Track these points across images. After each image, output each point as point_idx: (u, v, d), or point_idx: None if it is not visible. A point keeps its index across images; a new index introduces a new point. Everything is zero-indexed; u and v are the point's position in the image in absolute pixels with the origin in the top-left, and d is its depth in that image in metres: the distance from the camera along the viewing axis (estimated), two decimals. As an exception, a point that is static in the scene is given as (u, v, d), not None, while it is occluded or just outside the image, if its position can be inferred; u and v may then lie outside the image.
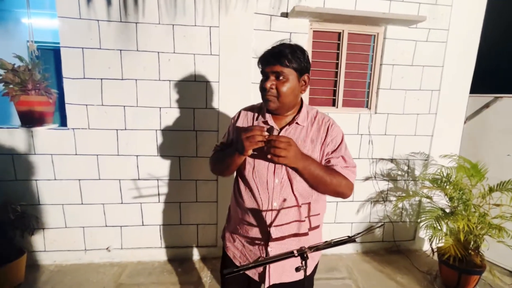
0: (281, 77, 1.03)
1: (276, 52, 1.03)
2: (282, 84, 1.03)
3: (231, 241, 1.25)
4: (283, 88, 1.04)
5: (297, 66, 1.04)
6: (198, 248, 2.55)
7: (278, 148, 0.91)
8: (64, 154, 2.25)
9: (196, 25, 2.20)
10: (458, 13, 2.45)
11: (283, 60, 1.01)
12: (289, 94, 1.05)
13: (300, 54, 1.04)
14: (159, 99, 2.27)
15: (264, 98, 1.08)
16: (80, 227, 2.38)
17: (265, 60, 1.06)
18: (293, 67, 1.03)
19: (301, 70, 1.06)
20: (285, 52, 1.01)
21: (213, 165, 1.26)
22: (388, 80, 2.51)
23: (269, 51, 1.07)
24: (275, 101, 1.06)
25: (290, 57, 1.01)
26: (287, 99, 1.06)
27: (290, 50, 1.02)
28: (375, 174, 2.66)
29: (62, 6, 2.08)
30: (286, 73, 1.03)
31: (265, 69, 1.06)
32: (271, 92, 1.04)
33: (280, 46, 1.05)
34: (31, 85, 2.17)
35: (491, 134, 2.58)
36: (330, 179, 1.03)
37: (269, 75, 1.04)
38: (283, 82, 1.03)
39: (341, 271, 2.46)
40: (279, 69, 1.02)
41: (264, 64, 1.06)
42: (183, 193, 2.44)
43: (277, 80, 1.04)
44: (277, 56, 1.02)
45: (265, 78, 1.07)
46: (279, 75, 1.03)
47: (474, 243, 2.17)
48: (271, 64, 1.03)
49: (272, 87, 1.04)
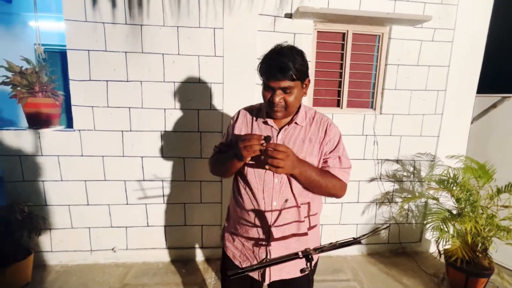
0: (288, 90, 1.03)
1: (282, 66, 1.00)
2: (289, 96, 1.05)
3: (230, 241, 1.25)
4: (290, 99, 1.05)
5: (301, 75, 1.04)
6: (203, 249, 2.56)
7: (276, 159, 0.91)
8: (70, 156, 2.27)
9: (201, 26, 2.21)
10: (464, 12, 2.42)
11: (289, 75, 1.01)
12: (296, 103, 1.08)
13: (301, 61, 1.03)
14: (164, 100, 2.28)
15: (271, 110, 1.08)
16: (86, 227, 2.41)
17: (270, 74, 1.03)
18: (298, 78, 1.03)
19: (304, 77, 1.06)
20: (290, 66, 1.00)
21: (213, 167, 1.26)
22: (393, 81, 2.50)
23: (271, 62, 1.03)
24: (282, 111, 1.08)
25: (295, 70, 1.01)
26: (294, 108, 1.09)
27: (292, 60, 1.00)
28: (381, 175, 2.63)
29: (69, 9, 2.11)
30: (293, 86, 1.03)
31: (270, 83, 1.03)
32: (280, 105, 1.05)
33: (282, 57, 1.02)
34: (38, 87, 2.20)
35: (499, 134, 2.54)
36: (325, 182, 1.05)
37: (276, 89, 1.03)
38: (290, 94, 1.04)
39: (346, 273, 2.44)
40: (286, 84, 1.02)
41: (270, 78, 1.03)
42: (187, 194, 2.45)
43: (284, 93, 1.04)
44: (284, 71, 1.00)
45: (271, 91, 1.05)
46: (286, 89, 1.03)
47: (482, 245, 2.13)
48: (279, 79, 1.01)
49: (281, 101, 1.05)
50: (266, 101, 1.08)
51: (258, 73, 1.09)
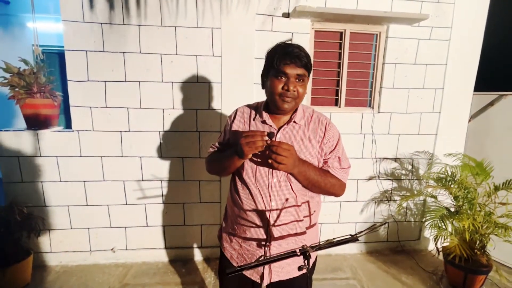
0: (301, 79, 1.04)
1: (297, 54, 1.00)
2: (302, 86, 1.05)
3: (228, 242, 1.23)
4: (301, 90, 1.05)
5: (309, 69, 1.06)
6: (202, 249, 2.56)
7: (280, 156, 0.92)
8: (69, 156, 2.28)
9: (198, 26, 2.22)
10: (461, 10, 2.43)
11: (305, 63, 1.01)
12: (304, 96, 1.08)
13: (308, 56, 1.05)
14: (162, 100, 2.29)
15: (282, 99, 1.05)
16: (85, 228, 2.41)
17: (287, 59, 1.01)
18: (309, 70, 1.05)
19: (309, 73, 1.08)
20: (303, 55, 1.01)
21: (210, 165, 1.26)
22: (391, 79, 2.50)
23: (287, 51, 1.02)
24: (292, 103, 1.06)
25: (307, 60, 1.02)
26: (301, 100, 1.09)
27: (304, 53, 1.02)
28: (379, 173, 2.64)
29: (66, 10, 2.11)
30: (305, 76, 1.04)
31: (286, 69, 1.01)
32: (293, 94, 1.04)
33: (294, 47, 1.02)
34: (36, 88, 2.20)
35: (496, 132, 2.55)
36: (324, 181, 1.07)
37: (291, 76, 1.02)
38: (302, 84, 1.05)
39: (345, 271, 2.45)
40: (302, 72, 1.02)
41: (286, 64, 1.01)
42: (186, 194, 2.45)
43: (297, 82, 1.04)
44: (300, 57, 1.00)
45: (284, 79, 1.03)
46: (300, 77, 1.03)
47: (480, 242, 2.14)
48: (296, 65, 1.00)
49: (295, 89, 1.04)
50: (277, 90, 1.04)
51: (267, 63, 1.07)
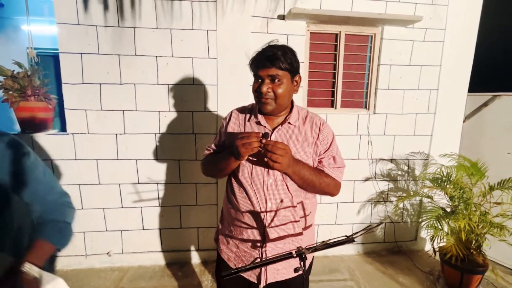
0: (276, 80, 1.04)
1: (269, 55, 1.02)
2: (278, 86, 1.05)
3: (224, 244, 1.23)
4: (279, 90, 1.05)
5: (290, 67, 1.05)
6: (199, 252, 2.55)
7: (275, 154, 0.93)
8: (64, 160, 2.26)
9: (194, 28, 2.22)
10: (455, 12, 2.45)
11: (278, 63, 1.02)
12: (285, 96, 1.08)
13: (291, 55, 1.05)
14: (158, 103, 2.28)
15: (260, 102, 1.08)
16: (81, 232, 2.38)
17: (259, 63, 1.05)
18: (287, 69, 1.04)
19: (294, 71, 1.08)
20: (278, 54, 1.02)
21: (206, 168, 1.27)
22: (386, 80, 2.52)
23: (261, 53, 1.06)
24: (271, 104, 1.07)
25: (284, 59, 1.02)
26: (283, 100, 1.08)
27: (282, 52, 1.03)
28: (375, 174, 2.65)
29: (61, 12, 2.10)
30: (281, 75, 1.04)
31: (258, 72, 1.05)
32: (268, 95, 1.05)
33: (272, 48, 1.05)
34: (31, 91, 2.18)
35: (491, 132, 2.58)
36: (318, 181, 1.08)
37: (264, 78, 1.05)
38: (279, 84, 1.05)
39: (342, 272, 2.45)
40: (274, 72, 1.03)
41: (258, 67, 1.05)
42: (183, 197, 2.44)
43: (273, 83, 1.05)
44: (272, 59, 1.02)
45: (260, 81, 1.07)
46: (274, 78, 1.04)
47: (476, 242, 2.15)
48: (266, 67, 1.03)
49: (269, 91, 1.05)
50: (255, 92, 1.08)
51: (250, 68, 1.11)
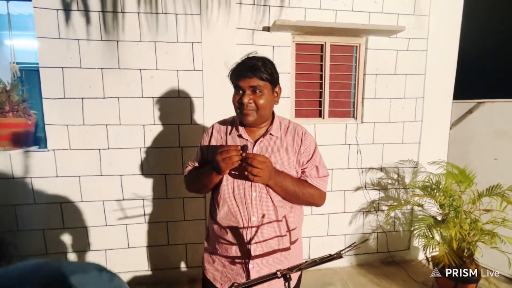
0: (257, 90, 1.03)
1: (250, 65, 1.01)
2: (259, 97, 1.04)
3: (210, 263, 1.18)
4: (260, 101, 1.04)
5: (271, 78, 1.04)
6: (188, 269, 2.45)
7: (255, 168, 0.91)
8: (44, 177, 2.17)
9: (179, 41, 2.20)
10: (436, 22, 2.51)
11: (259, 73, 1.01)
12: (267, 107, 1.06)
13: (271, 66, 1.05)
14: (143, 116, 2.23)
15: (242, 113, 1.06)
16: (62, 252, 2.27)
17: (239, 74, 1.04)
18: (268, 79, 1.03)
19: (274, 82, 1.07)
20: (259, 65, 1.01)
21: (190, 184, 1.23)
22: (372, 90, 2.53)
23: (241, 64, 1.05)
24: (253, 115, 1.05)
25: (264, 69, 1.01)
26: (265, 111, 1.07)
27: (262, 63, 1.02)
28: (366, 183, 2.63)
29: (41, 27, 2.05)
30: (262, 86, 1.03)
31: (239, 83, 1.03)
32: (250, 106, 1.04)
33: (251, 59, 1.04)
34: (9, 107, 2.11)
35: (477, 139, 2.60)
36: (302, 192, 1.06)
37: (245, 89, 1.03)
38: (260, 95, 1.04)
39: (336, 286, 2.38)
40: (255, 83, 1.02)
41: (239, 77, 1.04)
42: (170, 212, 2.36)
43: (254, 94, 1.03)
44: (253, 69, 1.01)
45: (240, 92, 1.05)
46: (256, 89, 1.02)
47: (468, 250, 2.13)
48: (248, 77, 1.02)
49: (251, 102, 1.03)
50: (236, 104, 1.06)
51: (229, 79, 1.09)
